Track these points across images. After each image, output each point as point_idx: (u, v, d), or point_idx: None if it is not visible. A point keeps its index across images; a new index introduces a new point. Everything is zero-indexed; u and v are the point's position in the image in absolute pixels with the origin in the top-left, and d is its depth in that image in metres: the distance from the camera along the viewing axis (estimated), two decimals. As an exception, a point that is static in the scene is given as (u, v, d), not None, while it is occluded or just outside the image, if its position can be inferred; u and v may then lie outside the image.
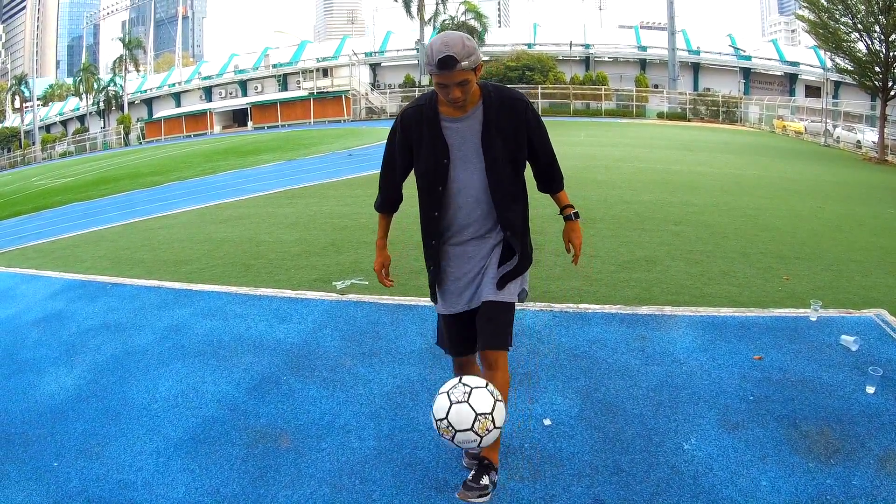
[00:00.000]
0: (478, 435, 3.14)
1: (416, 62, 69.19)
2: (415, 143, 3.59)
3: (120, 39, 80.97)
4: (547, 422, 4.59)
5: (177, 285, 8.11)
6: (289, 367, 5.60)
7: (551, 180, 3.83)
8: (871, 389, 4.95)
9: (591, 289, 7.23)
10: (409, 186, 3.80)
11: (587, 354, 5.58)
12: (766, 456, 4.16)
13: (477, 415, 3.13)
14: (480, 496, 3.35)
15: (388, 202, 3.92)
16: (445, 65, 3.22)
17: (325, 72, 67.48)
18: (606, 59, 68.91)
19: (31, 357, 6.28)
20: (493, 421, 3.16)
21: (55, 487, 4.09)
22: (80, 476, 4.18)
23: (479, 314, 3.63)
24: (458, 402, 3.15)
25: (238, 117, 69.94)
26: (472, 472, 3.47)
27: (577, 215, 3.82)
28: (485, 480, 3.42)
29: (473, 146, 3.52)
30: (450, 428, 3.14)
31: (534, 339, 5.93)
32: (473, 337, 3.72)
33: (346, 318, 6.69)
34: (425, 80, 66.76)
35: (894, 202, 16.84)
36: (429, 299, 3.95)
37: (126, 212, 16.84)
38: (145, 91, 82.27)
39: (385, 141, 3.80)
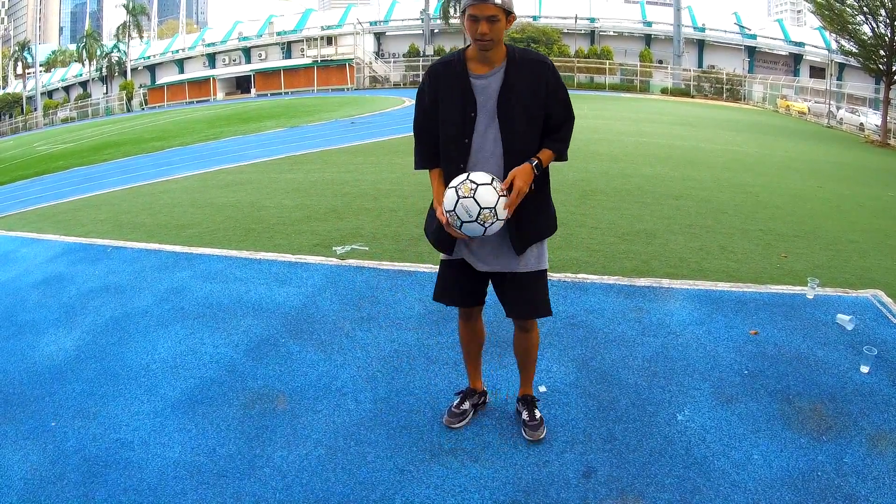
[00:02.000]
0: (482, 225, 3.40)
1: (421, 32, 68.92)
2: (443, 96, 3.62)
3: (124, 6, 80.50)
4: (542, 389, 4.63)
5: (177, 248, 8.13)
6: (287, 331, 5.63)
7: (560, 141, 3.71)
8: (865, 369, 4.97)
9: (591, 259, 7.24)
10: (407, 161, 3.83)
11: (584, 324, 5.61)
12: (759, 430, 4.20)
13: (481, 208, 3.35)
14: (543, 428, 4.09)
15: (431, 155, 3.82)
16: None
17: (329, 40, 67.28)
18: (611, 33, 68.53)
19: (30, 319, 6.31)
20: (496, 214, 3.39)
21: (52, 447, 4.12)
22: (78, 436, 4.21)
23: (506, 283, 3.81)
24: (464, 198, 3.37)
25: (241, 84, 69.74)
26: (525, 411, 4.14)
27: (538, 167, 3.60)
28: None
29: (493, 103, 3.55)
30: (457, 218, 3.41)
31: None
32: (481, 290, 3.95)
33: (346, 283, 6.71)
34: (430, 51, 66.51)
35: (895, 185, 16.83)
36: (428, 265, 3.99)
37: (128, 176, 16.83)
38: (148, 57, 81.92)
39: (413, 102, 3.87)
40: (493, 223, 3.41)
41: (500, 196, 3.39)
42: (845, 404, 4.52)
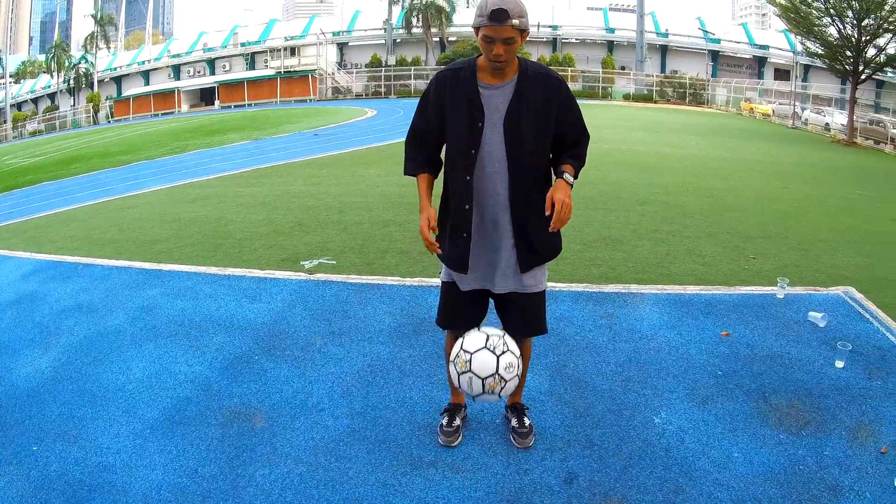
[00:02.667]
0: (493, 394, 3.43)
1: (384, 41, 68.93)
2: (450, 105, 3.55)
3: (92, 16, 79.85)
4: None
5: (147, 265, 8.06)
6: (260, 347, 5.60)
7: (564, 150, 3.65)
8: (840, 364, 5.06)
9: (558, 267, 7.24)
10: (371, 172, 3.81)
11: (555, 332, 5.60)
12: (737, 428, 4.25)
13: (483, 379, 3.38)
14: (533, 436, 4.13)
15: (424, 161, 3.75)
16: (497, 17, 3.20)
17: (293, 51, 67.16)
18: (574, 40, 69.05)
19: (5, 339, 6.20)
20: (501, 378, 3.41)
21: (36, 472, 4.06)
22: (60, 459, 4.15)
23: (509, 303, 3.78)
24: (464, 373, 3.44)
25: (205, 96, 69.37)
26: (514, 419, 4.18)
27: (570, 181, 3.57)
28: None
29: (502, 115, 3.48)
30: (468, 392, 3.47)
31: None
32: (484, 310, 3.89)
33: (315, 298, 6.70)
34: (392, 60, 66.55)
35: (862, 183, 17.09)
36: (396, 278, 3.98)
37: (96, 191, 16.69)
38: (115, 69, 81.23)
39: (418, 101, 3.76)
40: (503, 387, 3.42)
41: (498, 356, 3.39)
42: (822, 399, 4.59)
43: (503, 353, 3.40)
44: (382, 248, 8.37)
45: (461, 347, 3.44)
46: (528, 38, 3.45)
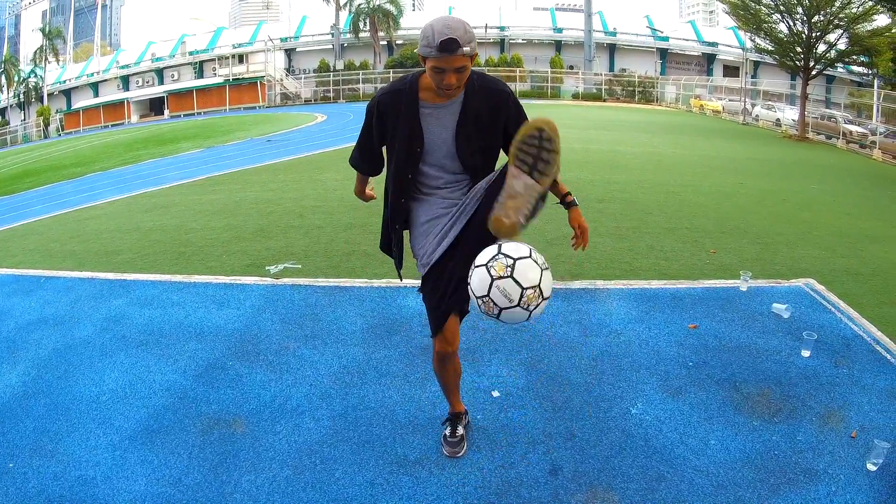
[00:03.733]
0: (526, 309, 3.03)
1: (332, 46, 68.75)
2: (389, 129, 3.50)
3: (41, 30, 78.56)
4: (495, 393, 4.70)
5: (111, 276, 7.97)
6: (233, 353, 5.58)
7: None
8: (806, 353, 5.20)
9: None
10: (328, 176, 3.83)
11: (527, 328, 5.69)
12: (712, 417, 4.37)
13: (524, 288, 2.99)
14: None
15: (366, 166, 3.90)
16: (447, 47, 3.07)
17: (241, 58, 66.70)
18: (521, 41, 69.22)
19: (-29, 356, 6.13)
20: (541, 293, 3.04)
21: (14, 490, 3.99)
22: (38, 476, 4.08)
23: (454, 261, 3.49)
24: (500, 278, 2.98)
25: (155, 106, 68.47)
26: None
27: (575, 202, 3.70)
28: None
29: (449, 133, 3.44)
30: (493, 305, 3.02)
31: (472, 314, 5.99)
32: (464, 292, 3.36)
33: (284, 302, 6.69)
34: (340, 65, 66.37)
35: (817, 177, 17.44)
36: (363, 280, 3.97)
37: (52, 204, 16.41)
38: (64, 82, 79.81)
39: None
40: (538, 304, 3.04)
41: (543, 270, 3.07)
42: (791, 387, 4.73)
43: (546, 269, 3.09)
44: (346, 251, 8.39)
45: (499, 251, 3.03)
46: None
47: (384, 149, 3.71)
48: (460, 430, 4.15)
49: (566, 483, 3.74)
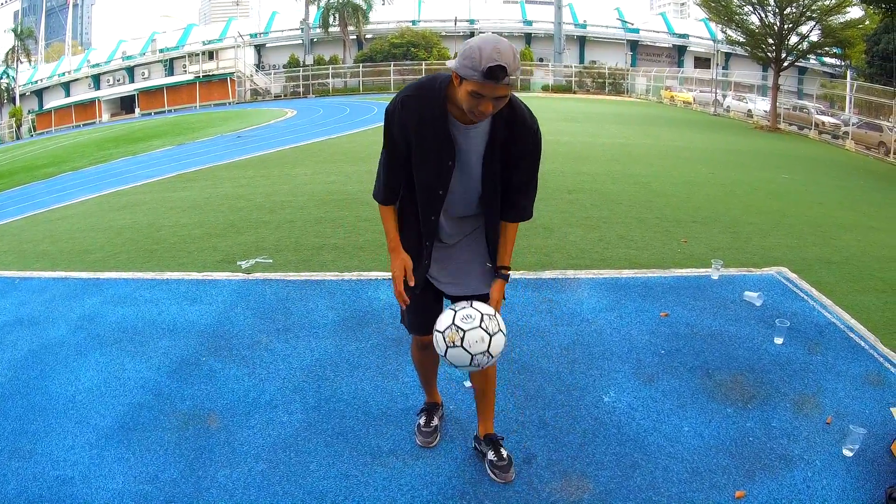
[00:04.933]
0: (478, 366, 3.20)
1: (301, 42, 68.61)
2: (417, 139, 3.19)
3: (13, 30, 77.81)
4: (468, 384, 4.71)
5: (84, 275, 7.92)
6: (206, 349, 5.57)
7: (512, 206, 3.47)
8: (779, 340, 5.27)
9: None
10: (298, 171, 3.81)
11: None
12: (685, 404, 4.42)
13: (473, 355, 3.15)
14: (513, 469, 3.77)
15: (394, 192, 3.43)
16: (494, 75, 2.78)
17: (211, 55, 66.31)
18: (491, 34, 69.33)
19: (-53, 358, 6.07)
20: (489, 355, 3.19)
21: (-6, 492, 3.99)
22: (17, 477, 4.06)
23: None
24: (452, 347, 3.15)
25: (126, 104, 67.92)
26: (492, 451, 3.78)
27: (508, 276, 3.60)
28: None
29: (476, 155, 3.24)
30: (449, 362, 3.20)
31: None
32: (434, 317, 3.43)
33: (256, 297, 6.69)
34: (310, 60, 66.32)
35: (787, 167, 17.58)
36: (334, 273, 3.90)
37: (24, 205, 16.25)
38: (36, 82, 78.96)
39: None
40: (489, 361, 3.20)
41: (492, 335, 3.16)
42: (764, 374, 4.79)
43: (463, 307, 3.22)
44: (317, 245, 8.40)
45: (453, 322, 3.19)
46: (444, 34, 3.22)
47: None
48: (435, 421, 4.16)
49: (540, 471, 3.78)
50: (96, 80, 73.91)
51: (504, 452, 3.78)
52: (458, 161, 3.23)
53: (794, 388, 4.63)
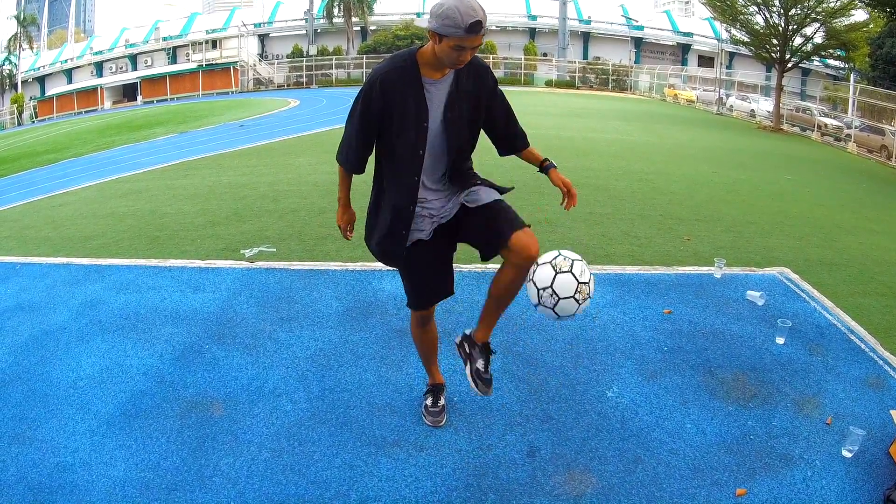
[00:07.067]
0: (577, 302, 3.45)
1: (305, 32, 68.50)
2: (396, 109, 3.44)
3: (15, 17, 77.70)
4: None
5: (86, 261, 7.91)
6: (209, 336, 5.57)
7: (514, 137, 3.90)
8: (780, 340, 5.27)
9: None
10: (301, 161, 3.81)
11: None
12: (688, 401, 4.43)
13: (579, 283, 3.43)
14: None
15: (361, 161, 3.72)
16: (475, 29, 3.16)
17: (214, 43, 66.27)
18: (495, 27, 69.08)
19: (-52, 344, 6.06)
20: (589, 291, 3.49)
21: (-7, 478, 3.98)
22: (17, 463, 4.05)
23: (479, 217, 3.71)
24: (561, 272, 3.44)
25: (128, 92, 67.83)
26: (482, 360, 3.85)
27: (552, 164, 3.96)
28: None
29: (442, 108, 3.50)
30: (554, 295, 3.43)
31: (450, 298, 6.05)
32: (451, 270, 3.96)
33: (259, 286, 6.68)
34: (313, 51, 66.19)
35: (790, 168, 17.56)
36: (338, 263, 3.94)
37: (26, 191, 16.23)
38: (38, 69, 78.75)
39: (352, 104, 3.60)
40: (586, 299, 3.47)
41: (591, 274, 3.51)
42: (766, 373, 4.80)
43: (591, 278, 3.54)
44: (321, 235, 8.38)
45: (559, 253, 3.56)
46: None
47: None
48: (441, 401, 4.28)
49: (544, 465, 3.79)
50: (99, 68, 73.73)
51: (490, 368, 3.89)
52: (430, 117, 3.49)
53: (795, 388, 4.64)
